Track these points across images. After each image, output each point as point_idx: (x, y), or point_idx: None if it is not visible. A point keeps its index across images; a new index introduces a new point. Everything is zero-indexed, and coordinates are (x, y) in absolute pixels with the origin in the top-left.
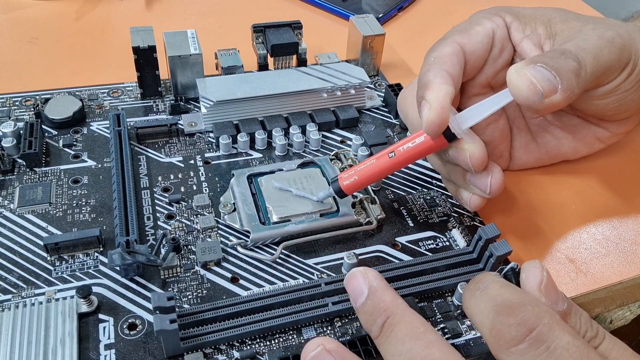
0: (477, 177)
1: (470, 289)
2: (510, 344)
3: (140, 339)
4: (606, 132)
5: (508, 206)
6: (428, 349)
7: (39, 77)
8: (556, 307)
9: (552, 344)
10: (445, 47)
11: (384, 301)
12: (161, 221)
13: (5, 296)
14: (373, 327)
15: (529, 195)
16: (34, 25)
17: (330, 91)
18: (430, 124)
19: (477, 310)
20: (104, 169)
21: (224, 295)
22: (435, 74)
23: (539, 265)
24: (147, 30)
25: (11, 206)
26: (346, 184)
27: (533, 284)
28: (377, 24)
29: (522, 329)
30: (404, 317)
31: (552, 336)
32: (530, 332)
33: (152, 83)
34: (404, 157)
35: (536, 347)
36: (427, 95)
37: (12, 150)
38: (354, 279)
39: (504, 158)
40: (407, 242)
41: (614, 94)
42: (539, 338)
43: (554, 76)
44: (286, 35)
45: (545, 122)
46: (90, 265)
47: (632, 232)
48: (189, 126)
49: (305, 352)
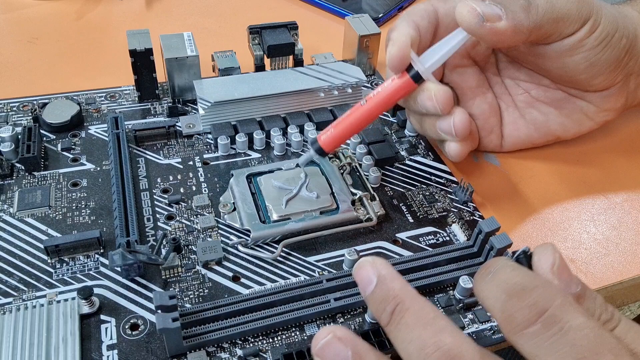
0: (443, 120)
1: (481, 274)
2: (522, 326)
3: (142, 339)
4: (591, 106)
5: (508, 205)
6: (439, 335)
7: (39, 78)
8: (569, 289)
9: (565, 324)
10: (420, 5)
11: (393, 289)
12: (161, 222)
13: (6, 299)
14: (382, 315)
15: (529, 194)
16: (34, 25)
17: (328, 90)
18: (392, 58)
19: (489, 294)
20: (103, 172)
21: (226, 293)
22: (402, 21)
23: (551, 248)
24: (144, 33)
25: (11, 210)
26: (323, 138)
27: (545, 266)
28: (373, 23)
29: (534, 311)
30: (413, 304)
31: (565, 317)
32: (543, 313)
33: (149, 86)
34: (375, 102)
35: (549, 329)
36: (391, 35)
37: (10, 154)
38: (362, 268)
39: (495, 134)
40: (408, 237)
41: (579, 50)
42: (552, 319)
43: (497, 6)
44: (282, 36)
45: (530, 97)
46: (91, 267)
47: (632, 232)
48: (187, 128)
49: (315, 340)
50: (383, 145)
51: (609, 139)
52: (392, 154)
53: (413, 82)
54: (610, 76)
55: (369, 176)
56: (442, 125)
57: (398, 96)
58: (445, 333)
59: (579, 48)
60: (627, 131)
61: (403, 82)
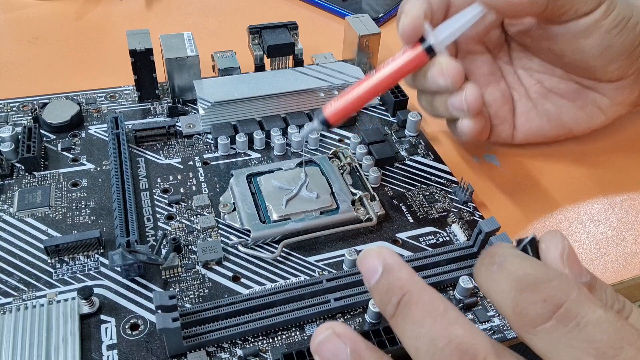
0: (455, 96)
1: (485, 264)
2: (536, 322)
3: (142, 338)
4: (605, 99)
5: (508, 205)
6: (450, 327)
7: (39, 78)
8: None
9: (582, 319)
10: None
11: (400, 279)
12: (161, 222)
13: (6, 299)
14: (388, 307)
15: (528, 195)
16: (34, 25)
17: (327, 90)
18: (405, 28)
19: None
20: (103, 172)
21: (226, 293)
22: None
23: (559, 235)
24: (144, 33)
25: (10, 210)
26: (329, 109)
27: (555, 254)
28: (373, 23)
29: (548, 306)
30: (422, 296)
31: (582, 312)
32: (558, 308)
33: (149, 86)
34: (385, 73)
35: (565, 325)
36: (404, 7)
37: (10, 154)
38: (367, 257)
39: (507, 123)
40: (408, 237)
41: (595, 32)
42: (568, 314)
43: None
44: (282, 36)
45: (544, 88)
46: (91, 267)
47: (632, 232)
48: (187, 128)
49: (314, 336)
50: (383, 145)
51: (609, 139)
52: (392, 154)
53: (425, 55)
54: (624, 64)
55: (369, 176)
56: (454, 101)
57: (408, 68)
58: (457, 325)
59: (595, 30)
60: (627, 131)
61: (415, 54)
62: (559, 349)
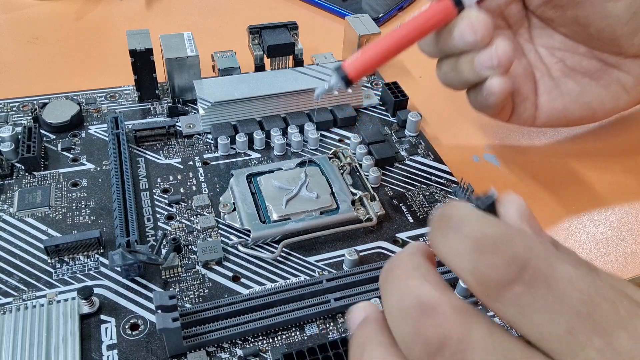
0: (484, 52)
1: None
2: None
3: (142, 339)
4: (629, 77)
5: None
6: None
7: (39, 78)
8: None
9: (552, 279)
10: None
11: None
12: (161, 222)
13: (6, 299)
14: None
15: (528, 195)
16: (34, 25)
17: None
18: None
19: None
20: (103, 172)
21: (226, 293)
22: None
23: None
24: (144, 33)
25: (10, 210)
26: (349, 63)
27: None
28: (373, 23)
29: (513, 268)
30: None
31: (550, 270)
32: (524, 270)
33: (149, 86)
34: (410, 27)
35: (533, 286)
36: None
37: (10, 154)
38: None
39: (530, 101)
40: (408, 237)
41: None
42: (536, 275)
43: None
44: (282, 36)
45: (566, 67)
46: (91, 267)
47: (632, 232)
48: (187, 128)
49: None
50: (383, 145)
51: (609, 139)
52: (392, 154)
53: (453, 7)
54: None
55: (369, 176)
56: (482, 58)
57: (434, 21)
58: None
59: None
60: (627, 131)
61: (442, 6)
62: (529, 314)
